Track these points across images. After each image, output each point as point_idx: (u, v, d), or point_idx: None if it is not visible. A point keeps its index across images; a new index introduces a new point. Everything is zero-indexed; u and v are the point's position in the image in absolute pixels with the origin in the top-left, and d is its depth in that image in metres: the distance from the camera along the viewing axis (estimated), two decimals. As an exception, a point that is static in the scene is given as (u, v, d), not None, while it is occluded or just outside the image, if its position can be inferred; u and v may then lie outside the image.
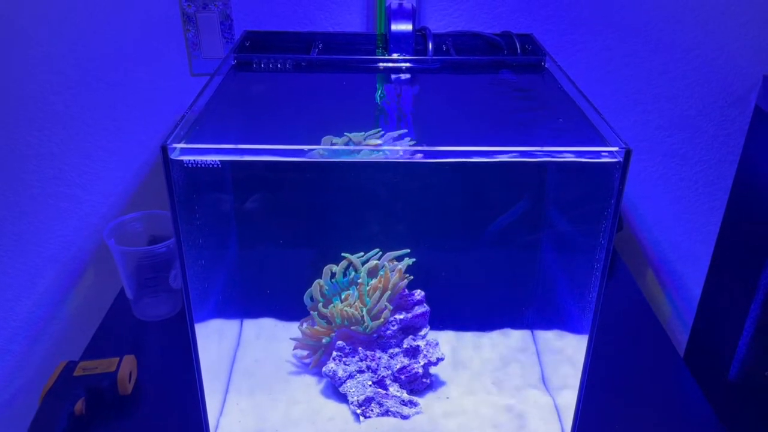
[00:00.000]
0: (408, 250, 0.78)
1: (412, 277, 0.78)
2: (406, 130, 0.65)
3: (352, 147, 0.62)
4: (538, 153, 0.57)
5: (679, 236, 1.18)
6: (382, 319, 0.76)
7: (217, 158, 0.57)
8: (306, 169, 0.74)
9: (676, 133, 1.10)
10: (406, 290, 0.78)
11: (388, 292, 0.76)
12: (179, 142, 0.55)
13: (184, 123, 0.58)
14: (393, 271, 0.77)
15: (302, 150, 0.57)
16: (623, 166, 0.55)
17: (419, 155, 0.61)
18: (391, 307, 0.76)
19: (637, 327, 0.91)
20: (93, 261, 1.15)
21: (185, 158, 0.56)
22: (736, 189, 1.10)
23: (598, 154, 0.56)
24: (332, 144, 0.63)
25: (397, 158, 0.62)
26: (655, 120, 1.08)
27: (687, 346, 1.22)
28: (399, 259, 0.78)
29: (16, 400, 1.23)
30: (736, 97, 1.06)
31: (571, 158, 0.58)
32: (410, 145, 0.63)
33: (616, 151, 0.55)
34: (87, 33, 0.98)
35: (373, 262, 0.78)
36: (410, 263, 0.78)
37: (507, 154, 0.57)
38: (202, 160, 0.56)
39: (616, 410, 0.77)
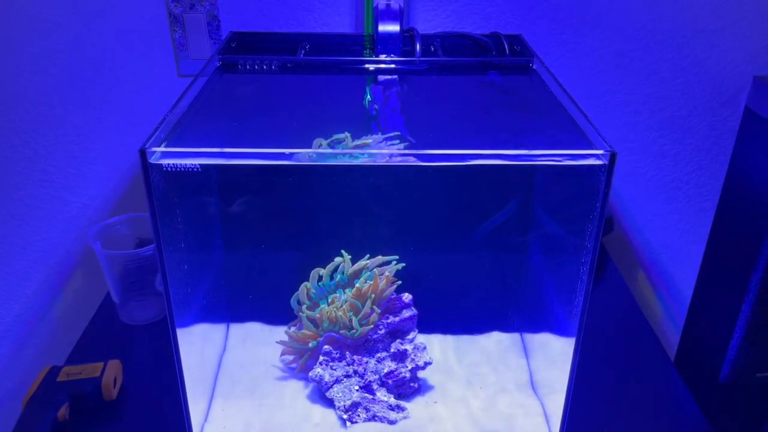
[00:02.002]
0: (396, 257, 0.77)
1: (400, 282, 0.77)
2: (398, 132, 0.64)
3: (338, 150, 0.62)
4: (524, 156, 0.57)
5: (670, 237, 1.18)
6: (370, 325, 0.75)
7: (197, 162, 0.56)
8: (291, 172, 0.73)
9: (667, 133, 1.09)
10: (394, 294, 0.78)
11: (373, 296, 0.75)
12: (159, 146, 0.54)
13: (165, 126, 0.57)
14: (380, 275, 0.76)
15: (284, 153, 0.56)
16: (608, 169, 0.54)
17: (411, 158, 0.60)
18: (378, 311, 0.75)
19: (628, 329, 0.91)
20: (80, 264, 1.14)
21: (165, 162, 0.55)
22: (727, 190, 1.09)
23: (583, 157, 0.56)
24: (321, 146, 0.63)
25: (384, 161, 0.61)
26: (645, 121, 1.08)
27: (678, 347, 1.22)
28: (387, 264, 0.77)
29: (1, 405, 1.22)
30: (726, 98, 1.06)
31: (557, 162, 0.57)
32: (397, 148, 0.62)
33: (601, 154, 0.55)
34: (72, 33, 0.97)
35: (362, 263, 0.78)
36: (399, 268, 0.77)
37: (492, 158, 0.56)
38: (182, 164, 0.56)
39: (606, 413, 0.76)
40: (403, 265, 0.76)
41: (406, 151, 0.61)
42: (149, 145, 0.53)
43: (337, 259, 0.78)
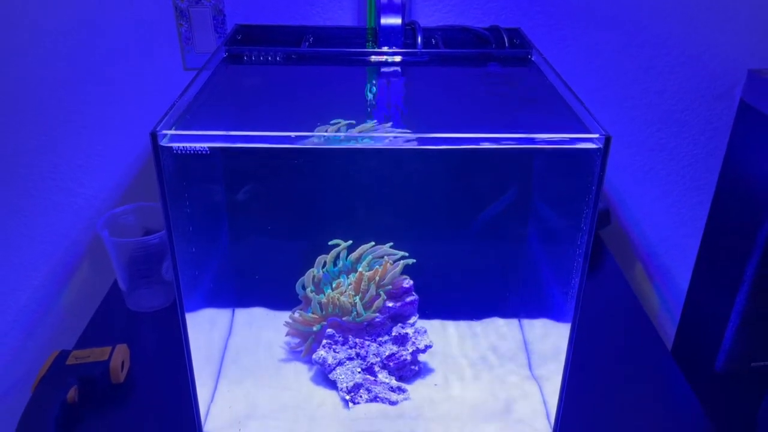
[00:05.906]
0: (406, 253, 0.78)
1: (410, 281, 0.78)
2: (409, 131, 0.65)
3: (344, 134, 0.63)
4: (519, 140, 0.58)
5: (666, 230, 1.19)
6: (374, 312, 0.76)
7: (207, 145, 0.58)
8: (298, 157, 0.74)
9: (664, 127, 1.11)
10: (395, 279, 0.79)
11: (383, 284, 0.77)
12: (169, 129, 0.56)
13: (174, 111, 0.59)
14: (392, 265, 0.77)
15: (292, 137, 0.58)
16: (603, 152, 0.56)
17: (414, 143, 0.61)
18: (384, 297, 0.77)
19: (626, 320, 0.92)
20: (87, 253, 1.15)
21: (175, 145, 0.56)
22: (723, 183, 1.11)
23: (578, 141, 0.58)
24: (327, 131, 0.64)
25: (384, 145, 0.62)
26: (642, 114, 1.10)
27: (675, 338, 1.23)
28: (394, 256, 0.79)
29: (10, 393, 1.24)
30: (722, 92, 1.07)
31: (552, 146, 0.59)
32: (398, 133, 0.64)
33: (596, 138, 0.56)
34: (78, 27, 0.98)
35: (365, 247, 0.79)
36: (409, 263, 0.78)
37: (489, 141, 0.58)
38: (192, 147, 0.57)
39: (603, 401, 0.77)
40: (414, 261, 0.77)
41: (405, 133, 0.62)
42: (160, 128, 0.55)
43: (335, 244, 0.79)
